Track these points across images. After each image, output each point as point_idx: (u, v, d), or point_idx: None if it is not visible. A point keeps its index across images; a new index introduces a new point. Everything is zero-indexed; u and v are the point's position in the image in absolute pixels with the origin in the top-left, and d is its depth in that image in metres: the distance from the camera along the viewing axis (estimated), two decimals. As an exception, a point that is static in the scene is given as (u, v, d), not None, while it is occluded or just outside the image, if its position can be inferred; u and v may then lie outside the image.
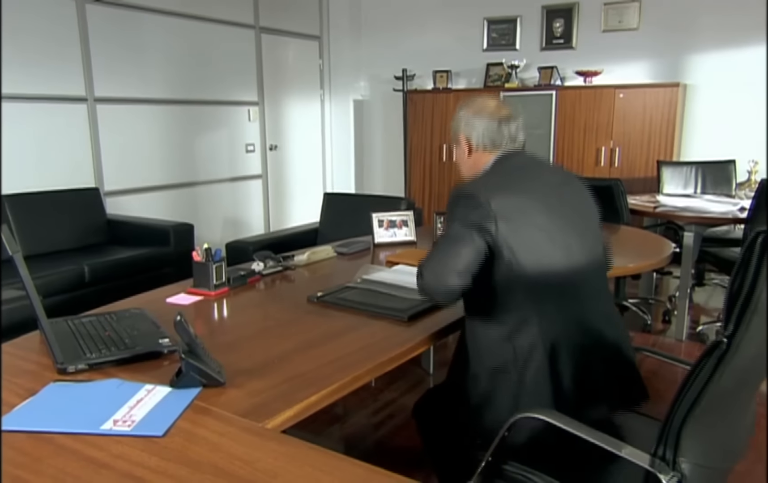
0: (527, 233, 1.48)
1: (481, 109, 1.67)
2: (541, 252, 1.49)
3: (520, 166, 1.64)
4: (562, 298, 1.51)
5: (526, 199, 1.52)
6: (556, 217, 1.54)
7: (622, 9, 5.21)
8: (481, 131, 1.65)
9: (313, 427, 2.57)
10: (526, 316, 1.48)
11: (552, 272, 1.50)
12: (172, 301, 1.85)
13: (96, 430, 1.07)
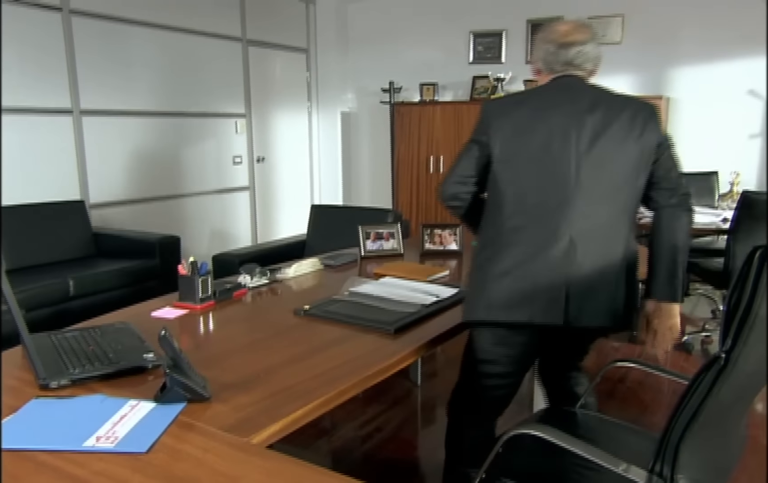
0: (514, 145, 1.68)
1: (547, 34, 1.77)
2: (521, 171, 1.67)
3: (556, 89, 1.73)
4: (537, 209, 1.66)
5: (530, 115, 1.69)
6: (555, 141, 1.64)
7: (606, 23, 5.29)
8: (542, 55, 1.77)
9: (299, 441, 2.56)
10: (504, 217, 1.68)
11: (527, 195, 1.67)
12: (157, 315, 1.83)
13: (78, 447, 1.06)
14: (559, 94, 1.72)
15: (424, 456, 2.55)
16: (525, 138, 1.68)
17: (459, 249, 2.69)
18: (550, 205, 1.65)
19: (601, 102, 1.71)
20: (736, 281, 1.08)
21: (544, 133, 1.66)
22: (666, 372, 1.95)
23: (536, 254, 1.64)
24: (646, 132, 1.69)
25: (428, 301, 1.90)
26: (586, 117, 1.66)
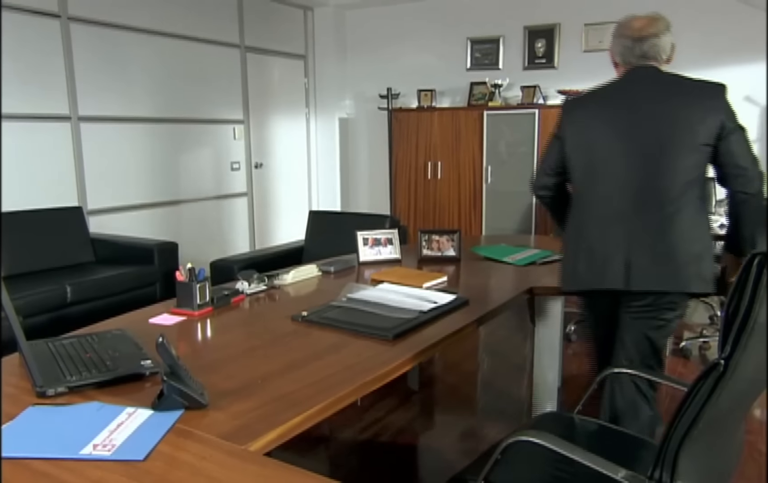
0: (587, 134, 1.93)
1: (624, 30, 1.95)
2: (595, 153, 1.91)
3: (630, 80, 1.92)
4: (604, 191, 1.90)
5: (603, 107, 1.94)
6: (629, 120, 1.87)
7: (603, 30, 5.31)
8: (620, 49, 1.96)
9: (298, 447, 2.55)
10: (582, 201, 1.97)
11: (592, 175, 1.93)
12: (154, 322, 1.83)
13: (75, 455, 1.06)
14: (631, 84, 1.91)
15: (423, 462, 2.55)
16: (596, 126, 1.92)
17: (457, 255, 2.69)
18: (621, 185, 1.87)
19: (671, 88, 1.90)
20: (735, 287, 1.08)
21: (614, 120, 1.88)
22: (663, 378, 1.94)
23: (610, 228, 1.88)
24: (709, 116, 1.81)
25: (426, 307, 1.90)
26: (655, 103, 1.86)
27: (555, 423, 1.83)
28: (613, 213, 1.88)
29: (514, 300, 2.13)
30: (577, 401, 2.91)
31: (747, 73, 4.83)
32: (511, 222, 5.56)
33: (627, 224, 1.86)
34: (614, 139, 1.87)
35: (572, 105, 2.03)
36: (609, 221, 1.89)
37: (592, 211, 1.94)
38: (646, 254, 1.84)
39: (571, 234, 2.01)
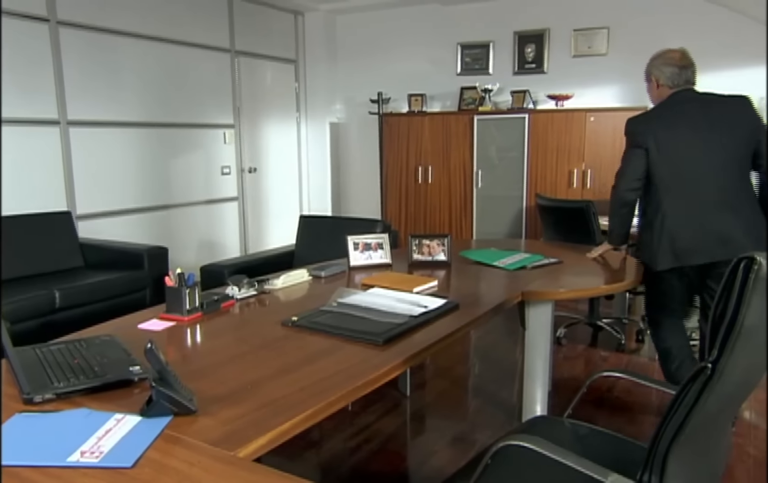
0: (669, 145, 2.49)
1: (668, 60, 2.58)
2: (680, 159, 2.49)
3: (682, 100, 2.54)
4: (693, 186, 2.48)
5: (674, 123, 2.51)
6: (698, 132, 2.48)
7: (591, 35, 5.36)
8: (669, 75, 2.57)
9: (288, 452, 2.54)
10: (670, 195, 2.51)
11: (679, 174, 2.50)
12: (144, 327, 1.82)
13: (62, 462, 1.05)
14: (687, 103, 2.53)
15: (414, 467, 2.54)
16: (674, 134, 2.50)
17: (447, 259, 2.70)
18: (694, 180, 2.48)
19: (713, 103, 2.54)
20: (722, 291, 1.09)
21: (683, 127, 2.50)
22: (653, 382, 1.95)
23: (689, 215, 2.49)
24: (745, 117, 2.49)
25: (416, 311, 1.90)
26: (707, 115, 2.49)
27: (545, 427, 1.83)
28: (703, 199, 2.47)
29: (504, 304, 2.14)
30: (567, 405, 2.93)
31: (736, 78, 4.88)
32: (502, 226, 5.59)
33: (714, 208, 2.45)
34: (691, 143, 2.48)
35: (645, 121, 2.59)
36: (698, 210, 2.47)
37: (681, 203, 2.49)
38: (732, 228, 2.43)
39: (660, 225, 2.53)
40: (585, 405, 3.00)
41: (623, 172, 2.61)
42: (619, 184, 2.63)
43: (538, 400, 2.58)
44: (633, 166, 2.56)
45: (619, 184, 2.63)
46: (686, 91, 2.54)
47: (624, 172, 2.60)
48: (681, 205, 2.49)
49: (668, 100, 2.56)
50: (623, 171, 2.61)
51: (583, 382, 3.34)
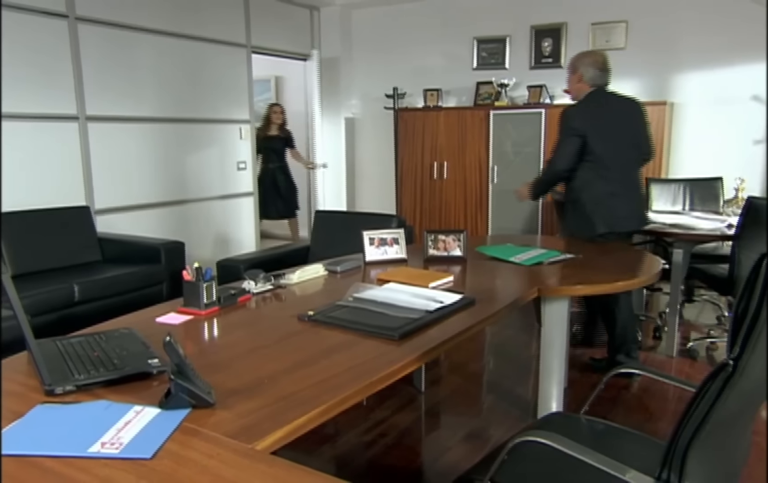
0: (599, 133, 3.05)
1: (596, 63, 3.13)
2: (608, 144, 3.07)
3: (604, 97, 3.15)
4: (620, 164, 3.11)
5: (602, 114, 3.10)
6: (618, 128, 3.11)
7: (610, 29, 5.30)
8: (592, 75, 3.12)
9: (303, 447, 2.55)
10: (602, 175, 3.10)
11: (612, 153, 3.09)
12: (161, 321, 1.84)
13: (83, 453, 1.06)
14: (607, 100, 3.16)
15: (428, 462, 2.54)
16: (603, 124, 3.09)
17: (463, 255, 2.69)
18: (617, 162, 3.10)
19: (621, 100, 3.21)
20: (744, 288, 1.07)
21: (612, 121, 3.12)
22: (671, 379, 1.93)
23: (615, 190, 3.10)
24: (640, 115, 3.20)
25: (432, 307, 1.89)
26: (620, 110, 3.17)
27: (562, 423, 1.82)
28: (625, 178, 3.14)
29: (521, 300, 2.13)
30: (583, 402, 2.90)
31: (755, 72, 4.79)
32: (517, 222, 5.55)
33: (627, 188, 3.15)
34: (615, 134, 3.10)
35: (580, 111, 3.12)
36: (621, 186, 3.11)
37: (609, 180, 3.08)
38: (641, 204, 3.29)
39: (595, 201, 3.09)
40: (601, 402, 2.98)
41: (562, 154, 3.11)
42: (558, 164, 3.14)
43: (553, 396, 2.56)
44: (571, 150, 3.08)
45: (558, 164, 3.13)
46: (604, 89, 3.14)
47: (563, 154, 3.11)
48: (610, 182, 3.08)
49: (594, 96, 3.12)
50: (563, 153, 3.11)
51: (598, 378, 3.31)
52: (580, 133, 3.05)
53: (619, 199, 3.10)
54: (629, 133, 3.14)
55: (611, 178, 3.08)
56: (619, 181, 3.10)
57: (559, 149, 3.13)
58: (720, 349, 3.71)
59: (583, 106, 3.12)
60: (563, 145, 3.11)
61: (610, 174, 3.08)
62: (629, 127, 3.14)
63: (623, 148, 3.11)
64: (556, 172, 3.18)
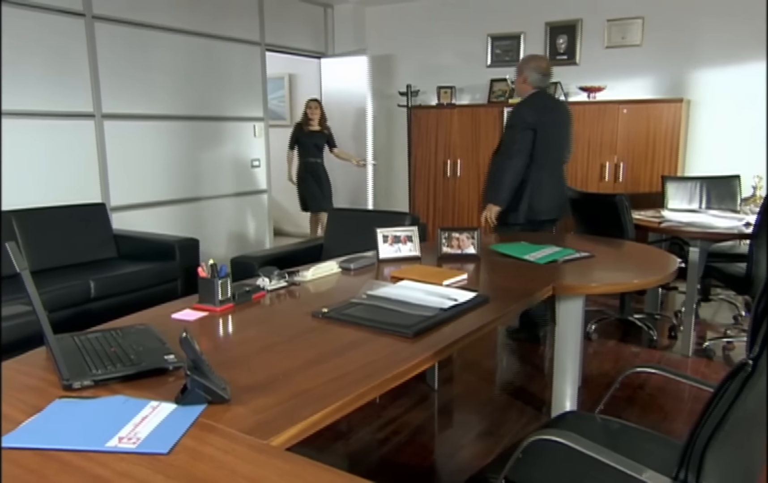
0: (545, 128, 3.35)
1: (539, 68, 3.44)
2: (550, 139, 3.39)
3: (547, 97, 3.56)
4: (552, 160, 3.47)
5: (546, 112, 3.42)
6: (557, 127, 3.46)
7: (626, 25, 5.24)
8: (536, 78, 3.43)
9: (316, 443, 2.56)
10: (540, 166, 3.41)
11: (551, 147, 3.43)
12: (177, 317, 1.85)
13: (101, 447, 1.07)
14: (549, 100, 3.57)
15: (441, 460, 2.54)
16: (548, 120, 3.40)
17: (477, 253, 2.68)
18: (555, 157, 3.47)
19: (558, 102, 3.79)
20: (765, 287, 1.06)
21: (554, 120, 3.45)
22: (687, 378, 1.91)
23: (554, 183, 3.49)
24: (570, 118, 3.57)
25: (446, 304, 1.89)
26: (557, 111, 3.53)
27: (576, 422, 1.81)
28: (558, 170, 3.50)
29: (535, 298, 2.12)
30: (597, 401, 2.89)
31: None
32: (531, 220, 5.52)
33: (554, 181, 3.46)
34: (555, 129, 3.45)
35: (532, 108, 3.41)
36: (558, 179, 3.50)
37: (548, 171, 3.42)
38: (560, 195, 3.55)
39: (530, 187, 3.39)
40: (616, 401, 2.96)
41: (521, 150, 3.31)
42: (517, 160, 3.32)
43: (567, 395, 2.55)
44: (527, 145, 3.31)
45: (518, 160, 3.32)
46: (545, 91, 3.49)
47: (521, 150, 3.31)
48: (540, 175, 3.38)
49: (538, 96, 3.42)
50: (521, 149, 3.31)
51: (613, 378, 3.28)
52: (532, 127, 3.31)
53: (547, 190, 3.41)
54: (561, 134, 3.48)
55: (542, 171, 3.38)
56: (548, 175, 3.41)
57: (516, 144, 3.32)
58: (737, 348, 3.66)
59: (533, 103, 3.39)
60: (520, 139, 3.32)
61: (541, 167, 3.37)
62: (562, 129, 3.49)
63: (555, 145, 3.44)
64: (519, 170, 3.34)
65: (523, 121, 3.34)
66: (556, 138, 3.42)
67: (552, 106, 3.50)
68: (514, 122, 3.40)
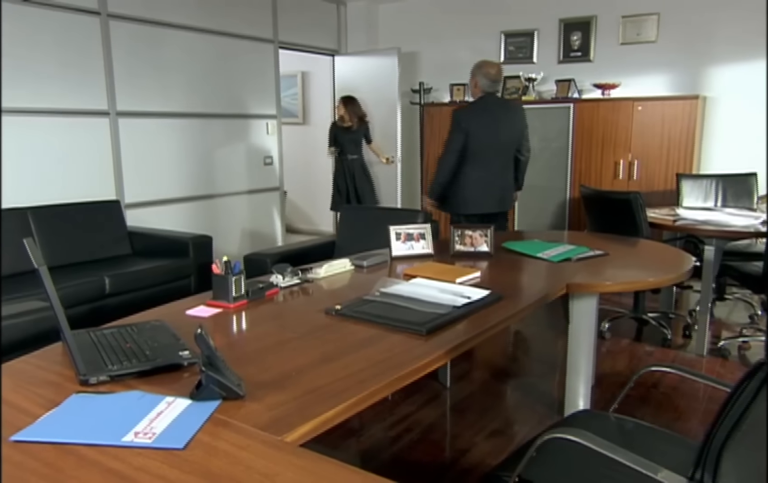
0: (479, 131, 3.66)
1: (488, 74, 3.71)
2: (483, 141, 3.68)
3: (489, 101, 3.74)
4: (487, 160, 3.74)
5: (483, 116, 3.69)
6: (495, 128, 3.70)
7: (641, 22, 5.19)
8: (485, 83, 3.72)
9: (328, 441, 2.57)
10: (472, 164, 3.73)
11: (485, 148, 3.72)
12: (191, 314, 1.86)
13: (117, 442, 1.08)
14: (492, 104, 3.75)
15: (454, 458, 2.54)
16: (482, 123, 3.68)
17: (490, 251, 2.67)
18: (489, 156, 3.73)
19: (505, 105, 4.00)
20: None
21: (490, 122, 3.69)
22: (702, 377, 1.89)
23: (487, 179, 3.76)
24: (519, 119, 3.84)
25: (459, 302, 1.89)
26: (502, 112, 3.77)
27: (590, 421, 1.80)
28: (492, 170, 3.75)
29: (549, 296, 2.10)
30: (610, 400, 2.87)
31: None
32: (544, 218, 5.50)
33: (498, 176, 3.78)
34: (491, 132, 3.70)
35: (467, 113, 3.73)
36: (491, 176, 3.75)
37: (480, 169, 3.72)
38: (505, 191, 3.87)
39: (465, 183, 3.73)
40: (629, 400, 2.94)
41: (452, 149, 3.68)
42: (449, 156, 3.70)
43: (581, 394, 2.53)
44: (457, 147, 3.67)
45: (449, 156, 3.70)
46: (492, 95, 3.76)
47: (452, 149, 3.68)
48: (482, 172, 3.71)
49: (482, 100, 3.74)
50: (452, 148, 3.69)
51: (626, 377, 3.26)
52: (464, 130, 3.65)
53: (486, 186, 3.73)
54: (506, 133, 3.74)
55: (480, 169, 3.71)
56: (488, 172, 3.72)
57: (447, 146, 3.72)
58: (753, 348, 3.62)
59: (471, 108, 3.78)
60: (451, 142, 3.70)
61: (480, 165, 3.71)
62: (507, 128, 3.74)
63: (496, 145, 3.71)
64: (450, 165, 3.72)
65: (458, 125, 3.68)
66: (491, 138, 3.68)
67: (491, 110, 3.72)
68: (452, 125, 3.75)
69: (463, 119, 3.69)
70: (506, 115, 3.77)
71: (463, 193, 3.74)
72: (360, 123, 5.71)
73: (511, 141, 3.78)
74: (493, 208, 3.79)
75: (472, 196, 3.74)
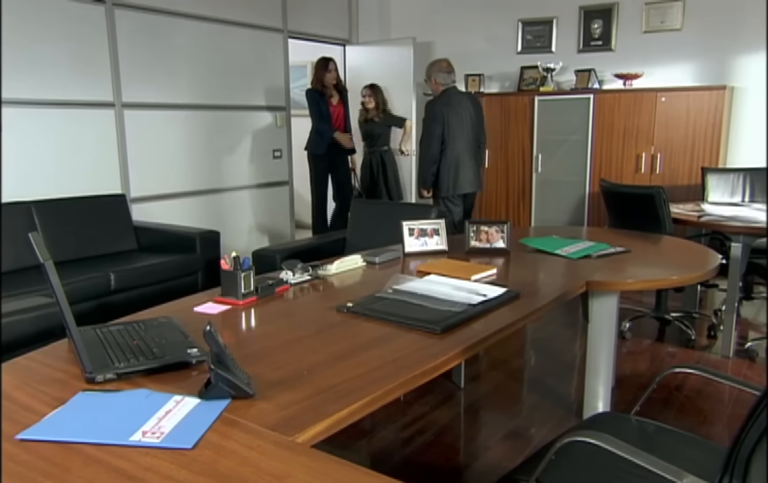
0: (451, 118, 4.09)
1: (441, 68, 4.18)
2: (456, 127, 4.11)
3: (455, 93, 4.21)
4: (459, 147, 4.14)
5: (453, 104, 4.12)
6: (463, 115, 4.14)
7: (665, 9, 5.06)
8: (442, 77, 4.17)
9: (339, 441, 2.53)
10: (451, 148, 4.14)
11: (458, 133, 4.13)
12: (199, 310, 1.83)
13: (125, 441, 1.05)
14: (457, 95, 4.21)
15: (468, 461, 2.48)
16: (453, 111, 4.09)
17: (506, 247, 2.61)
18: (461, 142, 4.13)
19: (467, 97, 4.33)
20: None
21: (458, 110, 4.11)
22: (728, 379, 1.81)
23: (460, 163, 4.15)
24: (480, 109, 4.32)
25: (475, 300, 1.83)
26: (468, 102, 4.22)
27: (611, 424, 1.74)
28: (467, 152, 4.16)
29: (568, 294, 2.04)
30: (631, 402, 2.80)
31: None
32: (562, 213, 5.40)
33: (471, 158, 4.19)
34: (461, 120, 4.12)
35: (441, 102, 4.11)
36: (467, 156, 4.16)
37: (457, 153, 4.11)
38: (477, 172, 4.28)
39: (447, 166, 4.12)
40: (651, 402, 2.86)
41: (435, 135, 4.06)
42: (432, 146, 4.07)
43: (600, 396, 2.47)
44: (438, 133, 4.05)
45: (432, 146, 4.07)
46: (455, 87, 4.20)
47: (435, 135, 4.05)
48: (456, 156, 4.10)
49: (447, 92, 4.13)
50: (434, 135, 4.06)
51: (648, 378, 3.18)
52: (441, 118, 4.04)
53: (463, 169, 4.12)
54: (470, 121, 4.16)
55: (457, 153, 4.10)
56: (463, 156, 4.12)
57: (429, 135, 4.08)
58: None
59: (442, 99, 4.11)
60: (432, 130, 4.07)
61: (456, 150, 4.09)
62: (470, 117, 4.16)
63: (466, 132, 4.13)
64: (434, 155, 4.09)
65: (436, 114, 4.06)
66: (462, 125, 4.11)
67: (457, 100, 4.13)
68: (428, 116, 4.10)
69: (438, 109, 4.07)
70: (471, 104, 4.21)
71: (456, 173, 4.13)
72: (384, 112, 5.65)
73: (476, 127, 4.23)
74: (476, 187, 4.26)
75: (462, 177, 4.14)
